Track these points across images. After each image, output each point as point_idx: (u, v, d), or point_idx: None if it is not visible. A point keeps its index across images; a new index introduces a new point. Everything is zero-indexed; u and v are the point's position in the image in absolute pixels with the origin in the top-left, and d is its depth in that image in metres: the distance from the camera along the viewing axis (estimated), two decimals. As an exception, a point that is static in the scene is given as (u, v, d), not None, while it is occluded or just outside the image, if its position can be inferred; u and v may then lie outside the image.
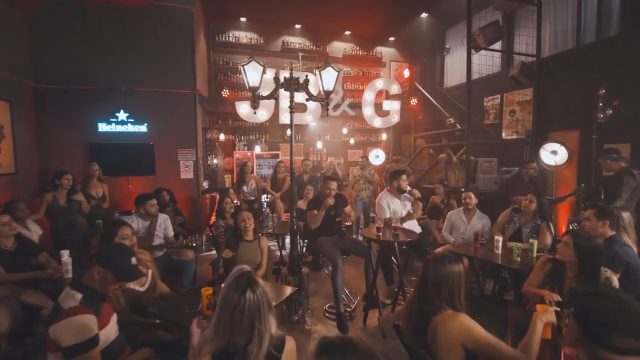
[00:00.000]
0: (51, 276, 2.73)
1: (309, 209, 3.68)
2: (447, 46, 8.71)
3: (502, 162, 6.08)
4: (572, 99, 5.48)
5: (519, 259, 2.98)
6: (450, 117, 6.71)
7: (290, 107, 3.35)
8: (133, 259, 1.84)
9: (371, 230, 3.38)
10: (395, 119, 6.96)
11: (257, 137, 8.72)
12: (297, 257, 3.40)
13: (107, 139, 5.46)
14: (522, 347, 1.50)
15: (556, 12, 5.95)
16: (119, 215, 4.63)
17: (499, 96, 6.89)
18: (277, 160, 6.05)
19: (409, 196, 3.79)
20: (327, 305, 3.70)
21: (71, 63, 5.26)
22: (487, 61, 6.40)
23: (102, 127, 5.44)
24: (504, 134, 6.83)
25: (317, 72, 3.35)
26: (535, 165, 4.97)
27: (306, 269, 3.53)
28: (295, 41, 8.93)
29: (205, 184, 6.19)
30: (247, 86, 3.21)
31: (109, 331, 1.74)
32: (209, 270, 3.96)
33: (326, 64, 3.31)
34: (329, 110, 3.54)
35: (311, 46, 9.03)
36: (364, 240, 3.32)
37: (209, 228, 4.81)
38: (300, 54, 8.73)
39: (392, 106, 6.95)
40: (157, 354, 1.92)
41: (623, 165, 3.70)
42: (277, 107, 6.23)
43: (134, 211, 3.84)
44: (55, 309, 1.64)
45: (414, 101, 7.36)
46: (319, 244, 3.61)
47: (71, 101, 5.29)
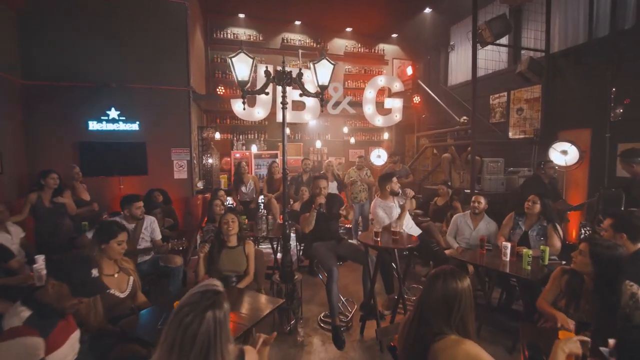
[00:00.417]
0: (21, 283, 2.53)
1: (302, 212, 3.47)
2: (452, 43, 8.45)
3: (508, 162, 5.82)
4: (584, 95, 5.21)
5: (529, 267, 2.74)
6: (461, 117, 6.44)
7: (283, 102, 3.14)
8: (94, 270, 1.63)
9: (369, 234, 3.15)
10: (397, 117, 6.72)
11: (256, 137, 8.52)
12: (289, 263, 3.18)
13: (98, 137, 5.27)
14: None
15: (567, 5, 5.67)
16: (107, 216, 4.45)
17: (505, 94, 6.62)
18: (272, 160, 5.82)
19: (403, 197, 3.59)
20: (322, 314, 3.47)
21: (61, 59, 5.07)
22: (493, 56, 6.14)
23: (93, 125, 5.25)
24: (510, 133, 6.56)
25: (311, 65, 3.14)
26: (555, 165, 4.70)
27: (299, 275, 3.31)
28: (295, 38, 8.72)
29: (200, 185, 5.99)
30: (236, 80, 2.99)
31: (63, 353, 1.53)
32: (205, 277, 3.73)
33: (321, 56, 3.09)
34: (324, 107, 3.31)
35: (311, 43, 8.82)
36: (360, 246, 3.08)
37: (201, 231, 4.60)
38: (300, 51, 8.52)
39: (394, 104, 6.70)
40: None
41: None
42: (275, 104, 6.02)
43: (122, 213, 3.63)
44: (-5, 330, 1.43)
45: (416, 99, 7.11)
46: (313, 249, 3.39)
47: (60, 98, 5.10)
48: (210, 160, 6.03)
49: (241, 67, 2.97)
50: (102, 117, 5.28)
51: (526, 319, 2.92)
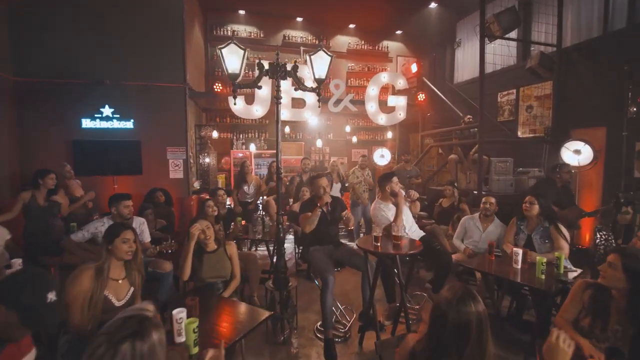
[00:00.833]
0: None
1: (301, 212, 3.25)
2: (458, 39, 8.20)
3: (517, 162, 5.56)
4: (598, 92, 4.93)
5: (543, 276, 2.50)
6: (466, 115, 6.18)
7: (277, 97, 2.94)
8: (50, 294, 1.35)
9: (368, 239, 2.94)
10: (401, 115, 6.48)
11: (257, 136, 8.34)
12: (283, 269, 2.98)
13: (92, 135, 5.13)
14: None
15: (580, -4, 5.41)
16: (99, 217, 4.29)
17: (514, 91, 6.36)
18: (271, 160, 5.63)
19: (407, 199, 3.37)
20: (319, 323, 3.25)
21: (54, 55, 4.94)
22: (502, 51, 5.88)
23: (86, 123, 5.11)
24: (519, 132, 6.30)
25: (307, 57, 2.93)
26: (571, 169, 4.43)
27: (294, 281, 3.11)
28: (297, 35, 8.53)
29: (197, 185, 5.82)
30: (226, 73, 2.80)
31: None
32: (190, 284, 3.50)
33: (318, 48, 2.89)
34: (321, 102, 3.10)
35: (313, 40, 8.61)
36: (360, 250, 2.86)
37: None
38: (302, 48, 8.33)
39: (398, 102, 6.47)
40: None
41: None
42: (274, 102, 5.81)
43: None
44: None
45: (421, 97, 6.86)
46: (310, 254, 3.18)
47: (53, 95, 4.97)
48: (208, 160, 5.85)
49: (232, 59, 2.77)
50: (95, 115, 5.14)
51: (540, 332, 2.69)
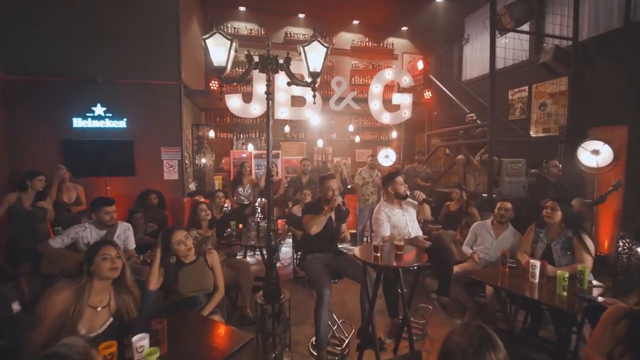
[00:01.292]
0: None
1: (304, 214, 2.99)
2: (466, 35, 7.88)
3: (530, 163, 5.24)
4: (619, 88, 4.59)
5: (564, 293, 2.21)
6: (471, 112, 5.88)
7: (267, 92, 2.69)
8: (14, 304, 1.18)
9: (367, 248, 2.67)
10: (406, 114, 6.19)
11: (257, 135, 8.12)
12: (274, 280, 2.72)
13: (83, 135, 4.93)
14: None
15: (598, -15, 5.06)
16: (87, 220, 4.09)
17: (526, 88, 6.03)
18: (260, 161, 5.39)
19: (412, 201, 3.09)
20: (314, 337, 2.99)
21: (44, 52, 4.76)
22: (514, 45, 5.56)
23: (78, 122, 4.92)
24: (532, 132, 5.97)
25: (301, 49, 2.68)
26: (557, 163, 4.18)
27: (287, 292, 2.84)
28: (299, 32, 8.29)
29: (193, 186, 5.60)
30: (212, 65, 2.56)
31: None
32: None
33: (312, 38, 2.64)
34: (315, 97, 2.85)
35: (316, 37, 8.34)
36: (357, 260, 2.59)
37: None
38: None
39: (403, 100, 6.18)
40: None
41: None
42: (273, 100, 5.58)
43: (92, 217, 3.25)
44: None
45: (427, 94, 6.56)
46: (306, 263, 2.92)
47: (43, 94, 4.79)
48: (203, 160, 5.63)
49: (217, 50, 2.53)
50: (87, 114, 4.94)
51: (560, 355, 2.40)
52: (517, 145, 5.97)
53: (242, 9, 7.83)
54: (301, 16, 8.19)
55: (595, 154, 4.44)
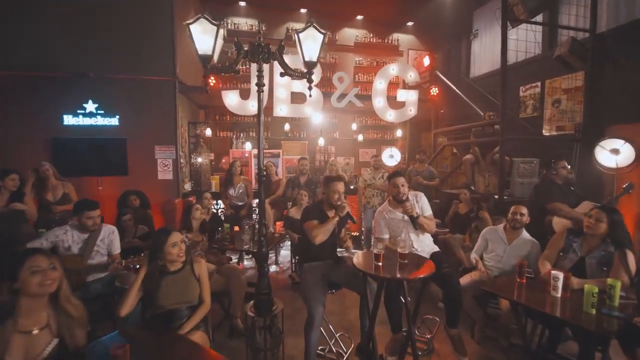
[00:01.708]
0: None
1: (307, 218, 2.72)
2: (475, 29, 7.57)
3: (542, 163, 4.93)
4: (640, 83, 4.28)
5: (593, 310, 1.93)
6: (487, 111, 5.57)
7: (258, 83, 2.46)
8: None
9: (368, 256, 2.41)
10: (411, 111, 5.92)
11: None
12: (265, 290, 2.48)
13: (74, 133, 4.75)
14: None
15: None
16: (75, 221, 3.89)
17: (538, 84, 5.72)
18: (266, 161, 5.15)
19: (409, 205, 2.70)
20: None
21: (32, 47, 4.58)
22: (527, 37, 5.25)
23: (68, 119, 4.74)
24: (544, 130, 5.66)
25: (296, 36, 2.45)
26: (566, 164, 3.87)
27: (279, 304, 2.60)
28: (301, 28, 8.02)
29: (188, 186, 5.39)
30: (196, 54, 2.33)
31: None
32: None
33: (307, 24, 2.40)
34: (310, 91, 2.60)
35: (319, 33, 8.10)
36: (355, 268, 2.32)
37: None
38: (306, 41, 7.82)
39: (409, 97, 5.91)
40: None
41: None
42: (272, 97, 5.36)
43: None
44: None
45: (434, 91, 6.27)
46: (302, 272, 2.68)
47: (32, 90, 4.62)
48: (200, 160, 5.41)
49: (203, 37, 2.30)
50: (78, 111, 4.76)
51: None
52: (529, 144, 5.67)
53: (243, 3, 7.61)
54: (303, 11, 7.95)
55: (614, 153, 4.15)
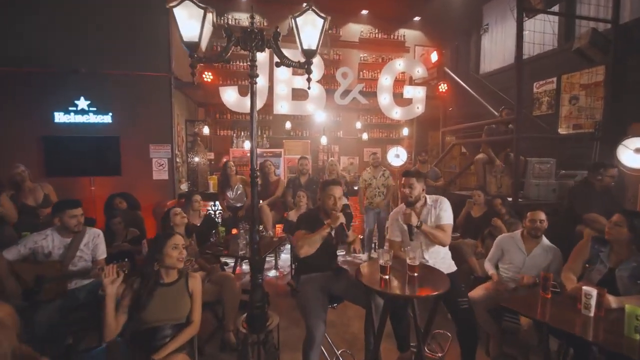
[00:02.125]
0: None
1: (300, 225, 2.47)
2: (485, 24, 7.26)
3: (558, 163, 4.64)
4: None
5: (637, 335, 1.66)
6: (501, 107, 5.28)
7: (251, 74, 2.22)
8: None
9: (373, 266, 2.15)
10: (418, 109, 5.64)
11: (260, 133, 7.67)
12: (259, 303, 2.23)
13: (65, 131, 4.56)
14: None
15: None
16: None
17: (554, 79, 5.42)
18: (264, 159, 4.92)
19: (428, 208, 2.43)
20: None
21: (22, 41, 4.39)
22: (544, 28, 4.94)
23: (59, 117, 4.55)
24: (560, 128, 5.35)
25: (292, 22, 2.20)
26: (616, 172, 3.52)
27: (275, 318, 2.35)
28: (298, 12, 7.78)
29: (185, 187, 5.18)
30: (181, 40, 2.09)
31: None
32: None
33: (306, 7, 2.15)
34: (310, 83, 2.35)
35: (322, 29, 7.85)
36: (358, 282, 2.06)
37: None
38: (309, 37, 7.58)
39: (416, 93, 5.63)
40: None
41: None
42: (272, 93, 5.12)
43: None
44: None
45: (443, 87, 5.98)
46: (300, 285, 2.43)
47: (22, 86, 4.43)
48: (196, 159, 5.20)
49: (188, 22, 2.06)
50: (70, 108, 4.57)
51: None
52: (543, 143, 5.36)
53: (244, -1, 7.39)
54: (305, 6, 7.68)
55: (639, 152, 3.84)
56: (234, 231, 3.98)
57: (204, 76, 5.02)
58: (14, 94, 4.40)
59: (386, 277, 1.93)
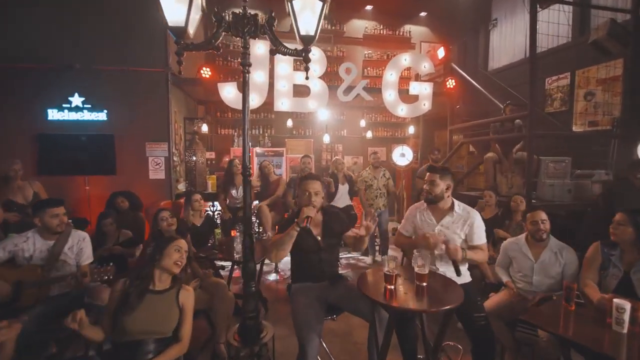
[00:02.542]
0: None
1: (281, 230, 2.29)
2: (494, 18, 7.02)
3: (573, 162, 4.39)
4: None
5: (681, 358, 1.44)
6: (506, 103, 5.05)
7: (243, 63, 2.03)
8: None
9: (377, 274, 1.95)
10: (425, 106, 5.42)
11: (261, 132, 7.50)
12: (252, 313, 2.05)
13: (59, 129, 4.42)
14: None
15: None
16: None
17: (568, 74, 5.16)
18: (263, 159, 4.74)
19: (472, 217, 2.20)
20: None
21: (14, 36, 4.26)
22: (559, 20, 4.70)
23: (53, 114, 4.41)
24: (574, 126, 5.10)
25: (288, 5, 2.00)
26: None
27: (269, 330, 2.16)
28: None
29: (182, 186, 5.01)
30: (167, 25, 1.91)
31: None
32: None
33: (304, -12, 1.96)
34: (307, 74, 2.15)
35: (325, 25, 7.64)
36: (361, 293, 1.85)
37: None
38: (311, 33, 7.40)
39: (422, 90, 5.40)
40: None
41: None
42: (272, 89, 4.93)
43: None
44: None
45: (451, 83, 5.75)
46: (292, 295, 2.24)
47: (14, 83, 4.30)
48: (194, 158, 5.03)
49: (174, 6, 1.88)
50: (63, 105, 4.42)
51: None
52: (555, 141, 5.11)
53: (245, -6, 7.21)
54: (309, 1, 7.51)
55: (661, 150, 3.61)
56: (234, 233, 3.81)
57: (202, 72, 4.84)
58: (6, 90, 4.27)
59: (391, 287, 1.73)
